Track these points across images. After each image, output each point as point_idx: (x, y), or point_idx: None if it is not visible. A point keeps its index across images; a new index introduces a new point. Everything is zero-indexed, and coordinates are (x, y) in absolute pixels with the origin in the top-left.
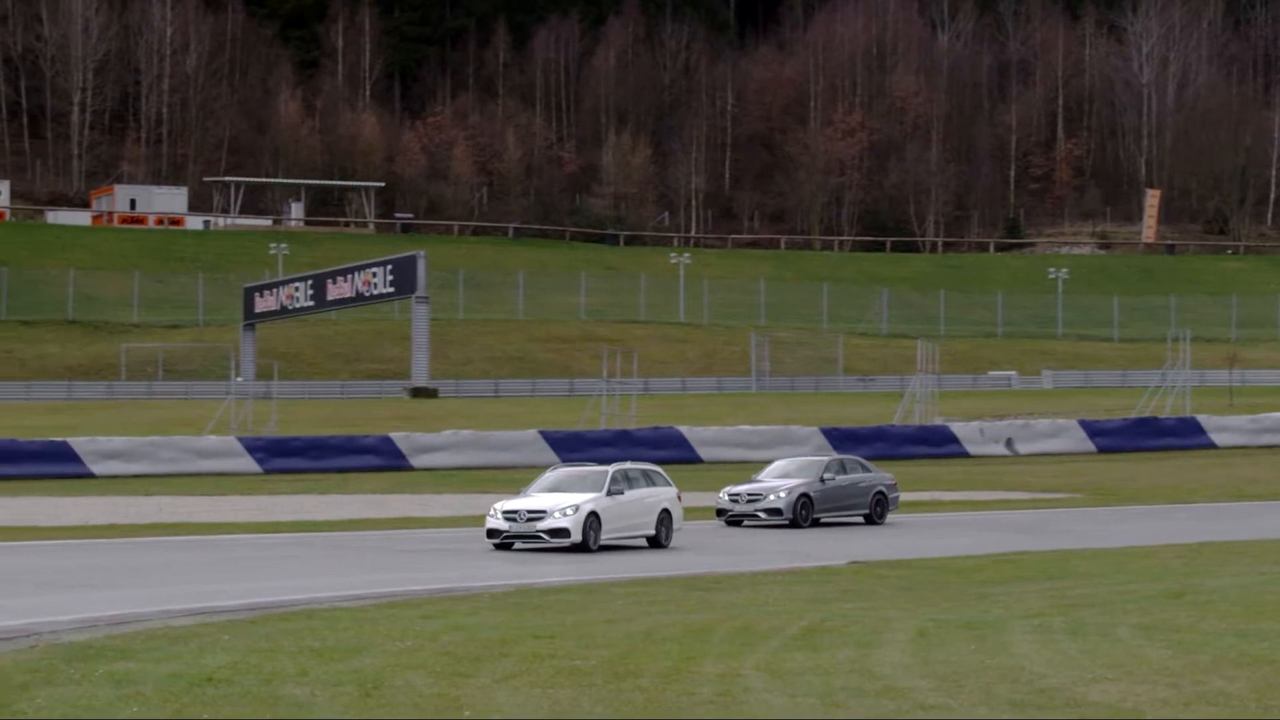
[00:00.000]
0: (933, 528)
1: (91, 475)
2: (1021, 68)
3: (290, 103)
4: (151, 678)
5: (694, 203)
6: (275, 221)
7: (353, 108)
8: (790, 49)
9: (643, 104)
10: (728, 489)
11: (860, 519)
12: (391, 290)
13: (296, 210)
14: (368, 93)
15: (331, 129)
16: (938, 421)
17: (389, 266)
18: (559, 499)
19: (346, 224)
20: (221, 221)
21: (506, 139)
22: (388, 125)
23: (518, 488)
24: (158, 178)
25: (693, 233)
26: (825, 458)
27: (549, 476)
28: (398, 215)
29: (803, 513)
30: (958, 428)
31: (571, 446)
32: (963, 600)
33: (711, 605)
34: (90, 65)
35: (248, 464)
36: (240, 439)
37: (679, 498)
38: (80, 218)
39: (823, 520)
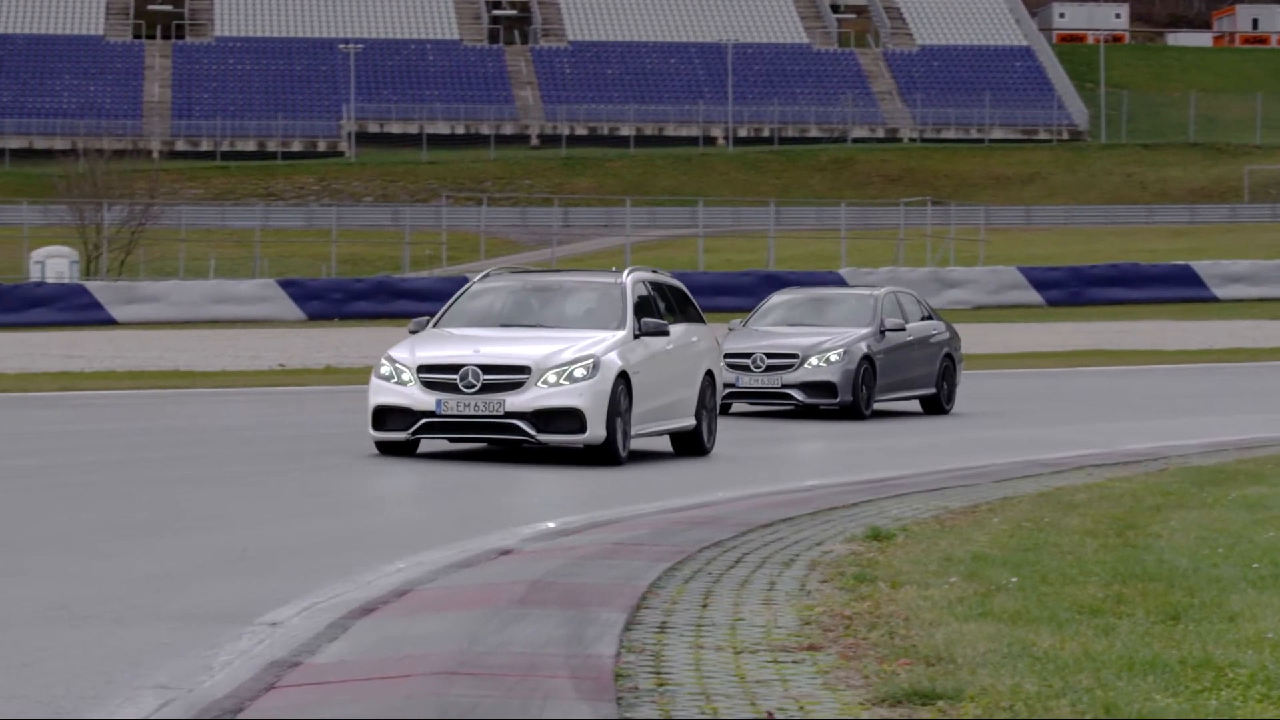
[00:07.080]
0: None
1: (1214, 299)
2: None
3: None
4: None
5: None
6: None
7: None
8: None
9: None
10: (725, 346)
11: (917, 403)
12: None
13: None
14: None
15: None
16: None
17: None
18: (549, 344)
19: None
20: None
21: None
22: None
23: None
24: None
25: None
26: (872, 290)
27: (482, 288)
28: None
29: (863, 390)
30: None
31: None
32: None
33: None
34: None
35: None
36: None
37: (718, 345)
38: (1201, 39)
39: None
